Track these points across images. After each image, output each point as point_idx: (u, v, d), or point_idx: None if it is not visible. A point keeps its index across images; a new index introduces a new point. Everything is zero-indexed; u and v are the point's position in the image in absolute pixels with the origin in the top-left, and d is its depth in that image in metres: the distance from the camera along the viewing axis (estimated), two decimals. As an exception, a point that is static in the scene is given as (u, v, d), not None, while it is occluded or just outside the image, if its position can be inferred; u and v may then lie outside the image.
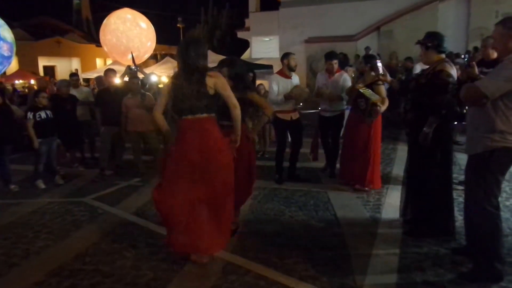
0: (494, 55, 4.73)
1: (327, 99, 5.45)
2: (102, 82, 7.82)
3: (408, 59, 10.37)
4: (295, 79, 5.33)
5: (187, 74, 3.09)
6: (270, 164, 6.39)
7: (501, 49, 2.76)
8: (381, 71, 4.34)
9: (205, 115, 3.13)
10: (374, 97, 4.73)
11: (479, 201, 2.81)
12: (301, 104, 5.39)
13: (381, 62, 4.56)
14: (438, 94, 3.36)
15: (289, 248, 3.48)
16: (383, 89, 4.93)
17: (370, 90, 4.76)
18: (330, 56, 5.52)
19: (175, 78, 3.19)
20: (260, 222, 4.11)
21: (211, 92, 3.09)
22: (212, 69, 3.38)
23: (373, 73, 4.92)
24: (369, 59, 5.08)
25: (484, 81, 2.76)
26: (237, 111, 3.18)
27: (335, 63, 5.48)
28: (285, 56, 5.31)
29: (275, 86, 5.18)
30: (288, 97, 5.12)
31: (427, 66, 3.64)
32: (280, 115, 5.23)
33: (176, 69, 3.29)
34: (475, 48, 11.54)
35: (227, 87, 3.16)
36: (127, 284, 2.99)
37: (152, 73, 9.70)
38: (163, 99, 3.26)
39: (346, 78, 5.48)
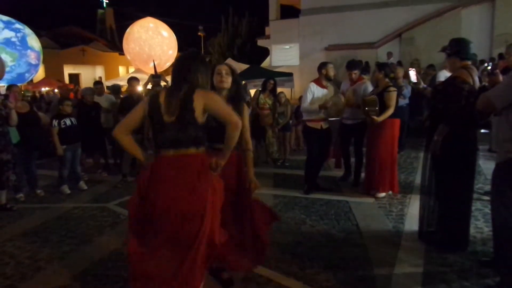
0: None
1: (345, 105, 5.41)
2: (118, 90, 8.00)
3: (430, 66, 10.24)
4: (331, 89, 5.26)
5: (172, 92, 2.35)
6: (290, 173, 6.40)
7: None
8: (414, 79, 4.31)
9: (192, 149, 2.36)
10: (369, 108, 4.82)
11: (502, 212, 2.72)
12: (337, 115, 5.31)
13: (414, 70, 4.52)
14: (451, 101, 3.29)
15: (310, 258, 3.45)
16: (393, 96, 4.92)
17: (375, 99, 4.76)
18: (350, 66, 5.54)
19: (154, 97, 2.41)
20: (280, 231, 4.08)
21: (200, 119, 2.33)
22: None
23: (386, 80, 4.96)
24: (383, 67, 5.10)
25: (495, 91, 2.70)
26: (236, 132, 2.36)
27: (355, 73, 5.50)
28: (323, 65, 5.20)
29: (309, 94, 5.11)
30: (323, 107, 5.05)
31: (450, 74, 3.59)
32: (310, 124, 5.21)
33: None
34: (500, 55, 11.29)
35: (220, 103, 2.38)
36: (149, 291, 3.01)
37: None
38: (133, 117, 2.46)
39: (366, 86, 5.48)
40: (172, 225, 2.30)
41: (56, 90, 20.20)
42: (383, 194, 5.02)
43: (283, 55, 19.36)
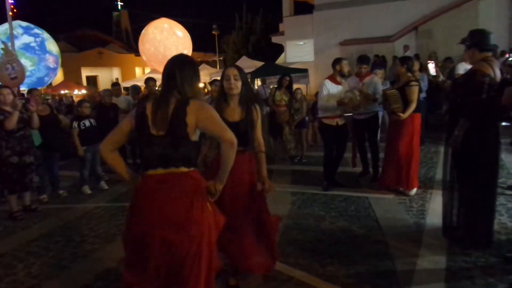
0: None
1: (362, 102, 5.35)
2: (138, 90, 8.07)
3: (448, 59, 10.05)
4: (345, 85, 5.23)
5: (161, 102, 2.09)
6: (308, 169, 6.38)
7: None
8: (433, 72, 4.24)
9: (183, 169, 2.08)
10: (395, 105, 4.75)
11: None
12: (354, 110, 5.28)
13: (433, 63, 4.45)
14: (471, 95, 3.21)
15: (330, 255, 3.43)
16: (415, 91, 4.83)
17: (396, 93, 4.70)
18: (361, 60, 5.54)
19: (142, 105, 2.16)
20: (299, 228, 4.08)
21: (193, 135, 2.08)
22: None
23: (408, 74, 4.89)
24: (405, 60, 5.03)
25: None
26: (232, 150, 2.08)
27: (365, 67, 5.50)
28: (337, 62, 5.16)
29: (325, 91, 5.08)
30: (340, 103, 5.01)
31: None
32: (326, 121, 5.19)
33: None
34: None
35: (214, 119, 2.09)
36: (171, 288, 3.05)
37: None
38: (119, 131, 2.23)
39: (376, 81, 5.48)
40: (160, 255, 2.05)
41: (76, 92, 20.62)
42: (414, 190, 4.91)
43: (298, 51, 19.29)
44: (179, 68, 2.14)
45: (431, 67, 4.25)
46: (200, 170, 2.25)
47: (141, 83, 10.19)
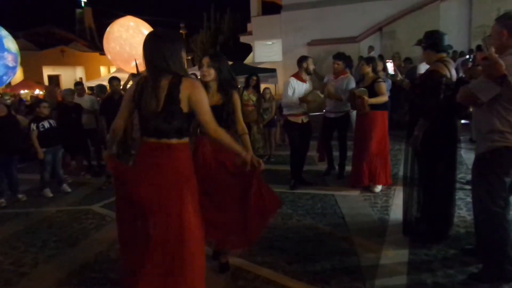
0: None
1: (327, 97, 5.44)
2: (104, 90, 7.86)
3: (407, 59, 10.46)
4: (309, 83, 5.30)
5: (151, 81, 2.26)
6: (276, 168, 6.41)
7: (497, 47, 2.72)
8: (391, 71, 4.35)
9: (173, 140, 2.29)
10: (358, 92, 4.87)
11: (484, 201, 2.78)
12: (317, 110, 5.36)
13: (392, 62, 4.58)
14: (429, 95, 3.31)
15: (296, 252, 3.47)
16: (383, 86, 5.01)
17: (363, 89, 4.83)
18: (336, 56, 5.61)
19: (139, 85, 2.34)
20: (267, 227, 4.07)
21: (186, 109, 2.26)
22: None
23: (373, 74, 5.02)
24: (370, 60, 5.17)
25: (477, 84, 2.74)
26: (219, 136, 2.37)
27: (338, 64, 5.55)
28: (304, 59, 5.21)
29: (290, 90, 5.12)
30: (303, 100, 5.07)
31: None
32: (291, 118, 5.23)
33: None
34: (478, 47, 11.49)
35: (203, 102, 2.29)
36: (136, 292, 2.99)
37: None
38: (124, 114, 2.43)
39: (350, 80, 5.55)
40: (149, 214, 2.28)
41: (37, 92, 19.83)
42: (380, 187, 5.04)
43: (266, 51, 19.40)
44: (163, 45, 2.25)
45: (390, 66, 4.38)
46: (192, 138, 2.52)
47: (106, 83, 9.93)
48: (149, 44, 2.29)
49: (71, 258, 3.66)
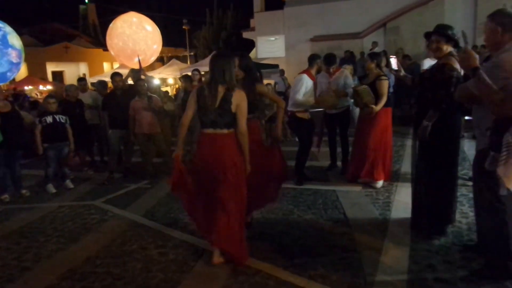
0: None
1: (333, 100, 5.43)
2: (105, 86, 7.90)
3: (406, 57, 10.51)
4: (316, 80, 5.32)
5: (212, 87, 3.14)
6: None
7: (490, 44, 2.69)
8: (395, 66, 4.33)
9: (225, 130, 3.18)
10: (367, 98, 4.86)
11: (485, 197, 2.76)
12: (332, 108, 5.47)
13: (395, 58, 4.57)
14: (440, 88, 3.31)
15: (298, 248, 3.48)
16: (385, 84, 4.97)
17: (367, 89, 4.81)
18: (328, 62, 5.53)
19: (200, 89, 3.24)
20: (268, 223, 4.10)
21: (234, 110, 3.14)
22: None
23: (377, 70, 5.00)
24: (374, 56, 5.14)
25: (473, 81, 2.71)
26: (244, 139, 3.21)
27: (333, 68, 5.56)
28: (318, 58, 5.27)
29: (304, 87, 5.10)
30: (318, 102, 5.16)
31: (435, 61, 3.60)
32: (299, 115, 5.23)
33: (204, 79, 3.36)
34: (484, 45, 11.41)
35: (245, 112, 3.19)
36: (138, 286, 3.01)
37: (152, 77, 9.68)
38: (190, 110, 3.24)
39: (346, 75, 5.59)
40: (210, 179, 3.20)
41: (41, 87, 19.90)
42: (381, 183, 5.03)
43: (269, 47, 19.32)
44: (223, 63, 3.16)
45: (394, 62, 4.37)
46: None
47: (109, 79, 9.94)
48: (213, 61, 3.22)
49: (73, 253, 3.68)
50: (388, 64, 5.35)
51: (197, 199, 3.35)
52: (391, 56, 4.64)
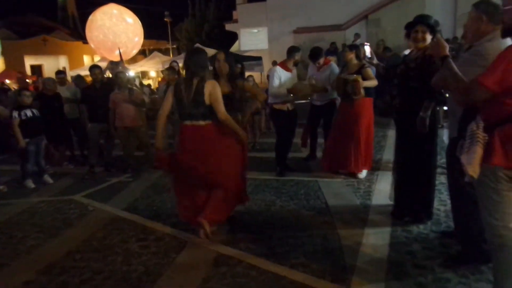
0: None
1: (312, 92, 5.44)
2: (83, 80, 7.76)
3: (386, 49, 10.69)
4: (294, 72, 5.32)
5: (187, 81, 3.33)
6: (261, 156, 6.44)
7: (472, 32, 2.70)
8: (368, 54, 4.35)
9: (201, 122, 3.33)
10: (351, 77, 4.86)
11: (458, 183, 2.81)
12: (304, 98, 5.41)
13: (369, 45, 4.59)
14: (429, 78, 3.32)
15: (279, 237, 3.49)
16: (370, 71, 4.99)
17: (353, 75, 4.85)
18: (314, 57, 5.55)
19: (177, 84, 3.42)
20: (250, 213, 4.11)
21: (208, 101, 3.28)
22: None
23: (357, 61, 5.02)
24: (353, 47, 5.16)
25: (441, 70, 2.73)
26: (228, 122, 3.38)
27: (319, 62, 5.57)
28: (296, 50, 5.25)
29: (277, 79, 5.12)
30: (291, 91, 5.10)
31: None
32: (277, 107, 5.24)
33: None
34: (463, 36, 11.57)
35: (219, 99, 3.32)
36: (118, 280, 2.98)
37: (127, 69, 9.51)
38: (168, 103, 3.42)
39: (333, 69, 5.58)
40: (195, 169, 3.40)
41: (7, 81, 19.38)
42: (365, 173, 5.08)
43: (252, 39, 19.27)
44: (196, 58, 3.33)
45: (367, 49, 4.37)
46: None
47: (80, 73, 9.75)
48: (189, 56, 3.39)
49: (53, 248, 3.62)
50: (361, 52, 5.29)
51: (186, 182, 3.54)
52: (365, 43, 4.64)
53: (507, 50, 2.06)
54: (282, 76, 5.13)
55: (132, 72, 9.31)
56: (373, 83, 4.99)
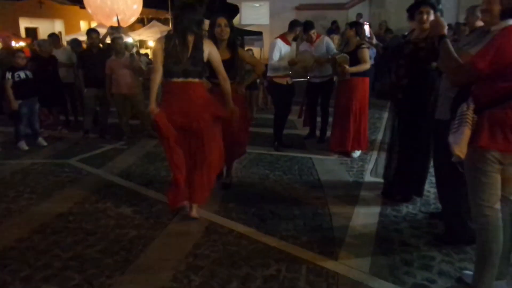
0: (478, 24, 4.67)
1: (316, 65, 5.40)
2: (79, 44, 7.64)
3: (388, 30, 10.59)
4: (293, 46, 5.31)
5: (181, 36, 3.08)
6: (257, 131, 6.42)
7: (490, 16, 2.65)
8: (368, 34, 4.31)
9: (196, 80, 3.16)
10: (339, 58, 4.85)
11: (444, 163, 2.83)
12: (303, 72, 5.41)
13: (368, 25, 4.54)
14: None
15: (271, 210, 3.54)
16: (366, 52, 4.97)
17: (346, 57, 4.81)
18: (307, 27, 5.48)
19: (167, 40, 3.11)
20: (244, 185, 4.15)
21: (205, 58, 3.16)
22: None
23: (358, 38, 4.97)
24: (354, 25, 5.12)
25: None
26: (227, 85, 3.29)
27: (313, 32, 5.52)
28: (299, 24, 5.26)
29: (277, 51, 5.08)
30: (292, 63, 5.07)
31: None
32: (277, 80, 5.22)
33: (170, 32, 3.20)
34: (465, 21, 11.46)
35: (220, 60, 3.25)
36: (111, 241, 3.02)
37: (129, 35, 9.36)
38: (160, 61, 3.13)
39: (328, 41, 5.55)
40: (184, 129, 3.20)
41: (13, 44, 18.98)
42: (358, 153, 5.11)
43: (253, 13, 18.90)
44: (192, 13, 3.08)
45: (367, 28, 4.32)
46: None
47: (85, 37, 9.55)
48: (182, 10, 3.08)
49: (45, 208, 3.65)
50: (360, 32, 5.23)
51: (178, 153, 3.27)
52: (364, 22, 4.59)
53: (501, 33, 2.06)
54: (282, 49, 5.09)
55: (131, 39, 9.15)
56: (360, 68, 4.91)
